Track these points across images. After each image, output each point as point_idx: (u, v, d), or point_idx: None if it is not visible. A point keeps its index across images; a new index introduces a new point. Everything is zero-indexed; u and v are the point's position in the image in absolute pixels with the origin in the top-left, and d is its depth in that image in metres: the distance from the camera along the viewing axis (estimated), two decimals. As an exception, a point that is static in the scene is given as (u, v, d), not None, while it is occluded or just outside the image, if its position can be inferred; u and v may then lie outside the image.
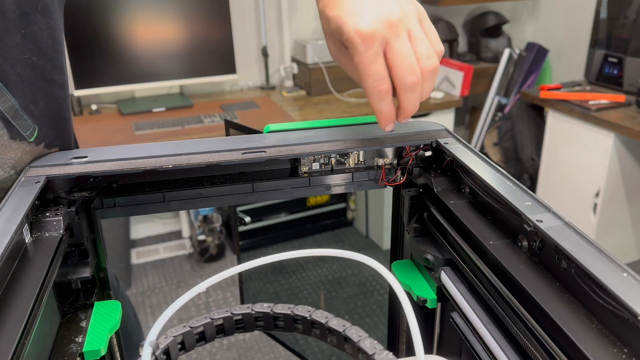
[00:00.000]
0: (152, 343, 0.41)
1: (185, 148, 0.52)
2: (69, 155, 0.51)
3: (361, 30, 0.45)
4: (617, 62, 2.37)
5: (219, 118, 2.15)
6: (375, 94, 0.47)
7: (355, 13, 0.46)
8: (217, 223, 2.48)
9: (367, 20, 0.45)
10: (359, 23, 0.45)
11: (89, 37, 2.15)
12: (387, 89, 0.47)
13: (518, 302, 0.38)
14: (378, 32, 0.45)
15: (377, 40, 0.45)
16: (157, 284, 2.40)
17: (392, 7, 0.46)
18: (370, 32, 0.45)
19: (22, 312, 0.36)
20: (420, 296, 0.53)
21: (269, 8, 2.51)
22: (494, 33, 2.86)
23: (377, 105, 0.48)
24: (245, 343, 2.04)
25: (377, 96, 0.47)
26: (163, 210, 0.53)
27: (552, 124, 2.39)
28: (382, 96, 0.47)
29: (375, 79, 0.46)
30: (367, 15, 0.45)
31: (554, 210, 0.41)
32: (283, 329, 0.49)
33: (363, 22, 0.45)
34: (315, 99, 2.42)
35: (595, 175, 2.24)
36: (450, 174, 0.54)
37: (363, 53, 0.46)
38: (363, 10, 0.46)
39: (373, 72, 0.46)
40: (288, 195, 0.56)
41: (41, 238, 0.44)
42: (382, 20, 0.45)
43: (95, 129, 2.12)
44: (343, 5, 0.47)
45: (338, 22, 0.46)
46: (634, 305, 0.30)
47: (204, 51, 2.31)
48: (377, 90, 0.47)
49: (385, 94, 0.47)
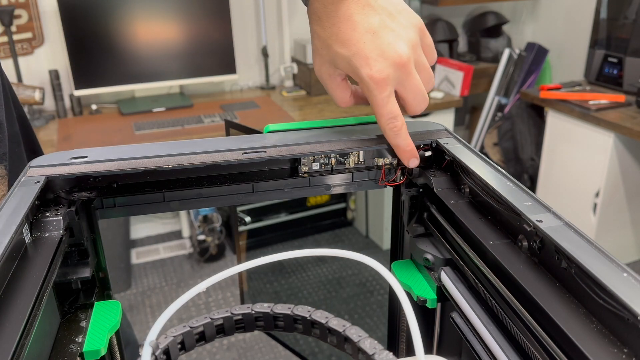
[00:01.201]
0: (152, 343, 0.41)
1: (185, 148, 0.51)
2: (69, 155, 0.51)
3: (375, 76, 0.47)
4: (617, 62, 2.37)
5: (219, 118, 2.15)
6: (390, 131, 0.50)
7: (368, 59, 0.47)
8: (217, 223, 2.48)
9: (380, 66, 0.47)
10: (372, 69, 0.47)
11: (89, 37, 2.15)
12: (401, 125, 0.50)
13: (518, 302, 0.38)
14: (391, 76, 0.47)
15: (390, 84, 0.48)
16: (157, 284, 2.40)
17: (401, 48, 0.47)
18: (384, 78, 0.47)
19: (22, 312, 0.36)
20: (420, 296, 0.53)
21: (269, 8, 2.51)
22: (494, 33, 2.86)
23: (393, 141, 0.50)
24: (245, 343, 2.04)
25: (392, 132, 0.50)
26: (163, 210, 0.53)
27: (552, 124, 2.39)
28: (397, 132, 0.50)
29: (389, 117, 0.49)
30: (380, 61, 0.47)
31: (554, 210, 0.41)
32: (283, 329, 0.48)
33: (376, 68, 0.47)
34: (315, 99, 2.42)
35: (595, 175, 2.24)
36: (450, 174, 0.54)
37: (377, 96, 0.48)
38: (375, 57, 0.47)
39: (387, 112, 0.49)
40: (288, 195, 0.56)
41: (41, 238, 0.44)
42: (394, 64, 0.47)
43: (95, 129, 2.12)
44: (353, 47, 0.48)
45: (349, 63, 0.48)
46: (634, 305, 0.30)
47: (204, 51, 2.32)
48: (392, 127, 0.49)
49: (400, 130, 0.50)
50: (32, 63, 2.24)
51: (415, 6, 2.70)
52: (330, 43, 0.49)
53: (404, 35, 0.48)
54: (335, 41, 0.48)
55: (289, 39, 2.58)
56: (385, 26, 0.47)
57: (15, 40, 2.16)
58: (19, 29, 2.17)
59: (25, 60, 2.22)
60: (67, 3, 2.07)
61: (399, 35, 0.48)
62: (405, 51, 0.47)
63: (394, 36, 0.47)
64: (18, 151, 0.69)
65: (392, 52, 0.47)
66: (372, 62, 0.47)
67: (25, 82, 2.17)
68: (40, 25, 2.21)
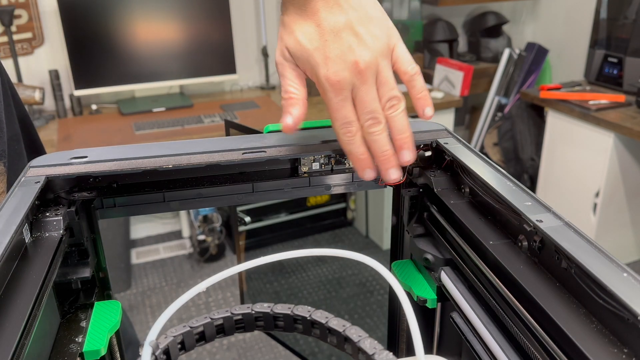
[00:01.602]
0: (152, 343, 0.41)
1: (185, 148, 0.52)
2: (69, 155, 0.51)
3: (331, 78, 0.46)
4: (617, 62, 2.37)
5: (219, 118, 2.15)
6: (343, 136, 0.48)
7: (327, 59, 0.46)
8: (217, 223, 2.48)
9: (337, 68, 0.46)
10: (329, 70, 0.46)
11: (89, 37, 2.15)
12: (355, 131, 0.48)
13: (518, 302, 0.38)
14: (346, 80, 0.46)
15: (345, 88, 0.46)
16: (157, 284, 2.40)
17: (362, 52, 0.46)
18: (340, 81, 0.46)
19: (22, 312, 0.36)
20: (420, 296, 0.53)
21: (269, 8, 2.52)
22: (494, 33, 2.86)
23: (346, 147, 0.49)
24: (245, 343, 2.04)
25: (345, 138, 0.48)
26: (163, 210, 0.53)
27: (552, 124, 2.39)
28: (350, 139, 0.48)
29: (342, 122, 0.47)
30: (338, 62, 0.46)
31: (554, 210, 0.41)
32: (283, 329, 0.49)
33: (333, 70, 0.46)
34: (315, 99, 2.42)
35: (595, 175, 2.24)
36: (450, 174, 0.54)
37: (332, 99, 0.47)
38: (334, 57, 0.46)
39: (341, 116, 0.47)
40: (288, 195, 0.56)
41: (41, 238, 0.44)
42: (351, 67, 0.46)
43: (95, 129, 2.12)
44: (315, 42, 0.46)
45: (309, 59, 0.47)
46: (634, 305, 0.30)
47: (204, 51, 2.31)
48: (345, 132, 0.48)
49: (353, 136, 0.48)
50: (32, 63, 2.24)
51: (415, 6, 2.70)
52: (296, 33, 0.48)
53: (370, 43, 0.46)
54: (301, 35, 0.47)
55: (289, 39, 2.58)
56: (351, 28, 0.46)
57: (15, 40, 2.16)
58: (19, 29, 2.17)
59: (25, 60, 2.22)
60: (67, 3, 2.07)
61: (364, 41, 0.46)
62: (365, 58, 0.46)
63: (357, 41, 0.46)
64: (17, 148, 0.69)
65: (351, 55, 0.46)
66: (330, 62, 0.46)
67: (25, 82, 2.17)
68: (40, 25, 2.21)
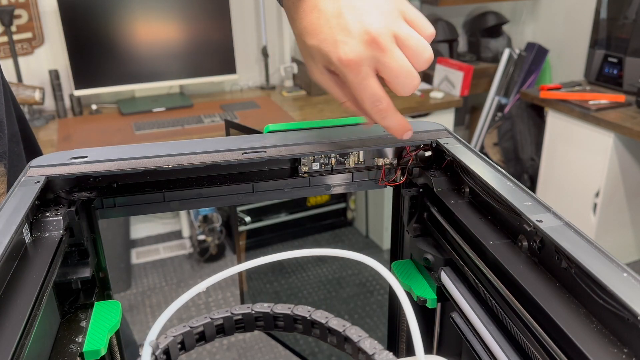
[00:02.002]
0: (152, 343, 0.41)
1: (185, 148, 0.52)
2: (69, 155, 0.51)
3: (344, 58, 0.44)
4: (617, 62, 2.37)
5: (219, 118, 2.15)
6: (376, 114, 0.47)
7: (336, 42, 0.44)
8: (217, 223, 2.48)
9: (349, 47, 0.43)
10: (340, 52, 0.44)
11: (89, 37, 2.15)
12: (386, 106, 0.46)
13: (518, 302, 0.38)
14: (363, 55, 0.44)
15: (364, 64, 0.44)
16: (157, 284, 2.40)
17: (370, 19, 0.43)
18: (354, 58, 0.43)
19: (22, 312, 0.36)
20: (420, 296, 0.53)
21: (269, 8, 2.51)
22: (494, 33, 2.86)
23: (382, 122, 0.48)
24: (245, 343, 2.04)
25: (379, 115, 0.47)
26: (163, 210, 0.53)
27: (552, 124, 2.39)
28: (384, 114, 0.47)
29: (372, 100, 0.46)
30: (348, 41, 0.43)
31: (554, 210, 0.41)
32: (283, 329, 0.49)
33: (344, 50, 0.44)
34: (315, 99, 2.42)
35: (595, 175, 2.24)
36: (450, 174, 0.54)
37: (353, 80, 0.45)
38: (342, 37, 0.44)
39: (368, 95, 0.45)
40: (288, 195, 0.56)
41: (41, 238, 0.44)
42: (364, 40, 0.43)
43: (95, 129, 2.12)
44: (321, 34, 0.45)
45: (321, 52, 0.45)
46: (634, 305, 0.30)
47: (204, 51, 2.31)
48: (377, 110, 0.46)
49: (386, 111, 0.46)
50: (32, 63, 2.24)
51: (415, 6, 2.69)
52: (304, 38, 0.47)
53: (374, 9, 0.44)
54: (306, 34, 0.46)
55: (289, 39, 2.58)
56: (352, 6, 0.44)
57: (15, 40, 2.16)
58: (19, 29, 2.17)
59: (25, 60, 2.22)
60: (67, 3, 2.07)
61: (367, 10, 0.44)
62: (375, 25, 0.43)
63: (360, 12, 0.44)
64: (17, 150, 0.69)
65: (359, 28, 0.43)
66: (340, 44, 0.44)
67: (25, 82, 2.17)
68: (40, 25, 2.21)
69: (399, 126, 0.48)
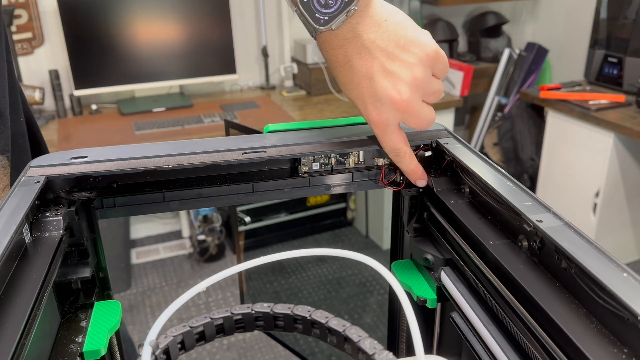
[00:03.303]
0: (152, 343, 0.41)
1: (185, 148, 0.52)
2: (69, 155, 0.51)
3: (373, 120, 0.49)
4: (617, 62, 2.37)
5: (219, 118, 2.15)
6: (394, 158, 0.52)
7: (366, 104, 0.49)
8: (217, 223, 2.48)
9: (377, 111, 0.48)
10: (370, 114, 0.49)
11: (89, 37, 2.15)
12: (404, 154, 0.51)
13: (518, 302, 0.38)
14: (390, 119, 0.49)
15: (389, 125, 0.49)
16: (157, 284, 2.40)
17: (398, 92, 0.47)
18: (382, 121, 0.49)
19: (22, 312, 0.36)
20: (420, 296, 0.53)
21: (269, 8, 2.51)
22: (494, 33, 2.86)
23: (398, 165, 0.52)
24: (245, 343, 2.04)
25: (396, 159, 0.52)
26: (163, 210, 0.53)
27: (552, 124, 2.39)
28: (401, 159, 0.51)
29: (392, 150, 0.51)
30: (377, 106, 0.48)
31: (554, 210, 0.41)
32: (283, 329, 0.49)
33: (374, 113, 0.49)
34: (315, 99, 2.42)
35: (595, 175, 2.24)
36: (450, 174, 0.54)
37: (379, 135, 0.50)
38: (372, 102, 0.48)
39: (389, 147, 0.51)
40: (288, 195, 0.56)
41: (41, 238, 0.44)
42: (392, 108, 0.48)
43: (95, 129, 2.12)
44: (353, 92, 0.49)
45: (354, 103, 0.50)
46: (634, 305, 0.30)
47: (204, 51, 2.31)
48: (394, 157, 0.51)
49: (403, 158, 0.51)
50: (32, 63, 2.24)
51: (415, 6, 2.70)
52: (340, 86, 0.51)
53: (405, 76, 0.47)
54: (339, 82, 0.50)
55: (289, 39, 2.58)
56: (384, 70, 0.47)
57: (15, 40, 2.16)
58: (19, 29, 2.17)
59: (25, 60, 2.22)
60: (67, 3, 2.07)
61: (399, 78, 0.47)
62: (404, 95, 0.47)
63: (392, 81, 0.47)
64: (21, 142, 0.69)
65: (388, 98, 0.47)
66: (370, 106, 0.48)
67: (25, 82, 2.17)
68: (40, 25, 2.21)
69: (412, 173, 0.53)
